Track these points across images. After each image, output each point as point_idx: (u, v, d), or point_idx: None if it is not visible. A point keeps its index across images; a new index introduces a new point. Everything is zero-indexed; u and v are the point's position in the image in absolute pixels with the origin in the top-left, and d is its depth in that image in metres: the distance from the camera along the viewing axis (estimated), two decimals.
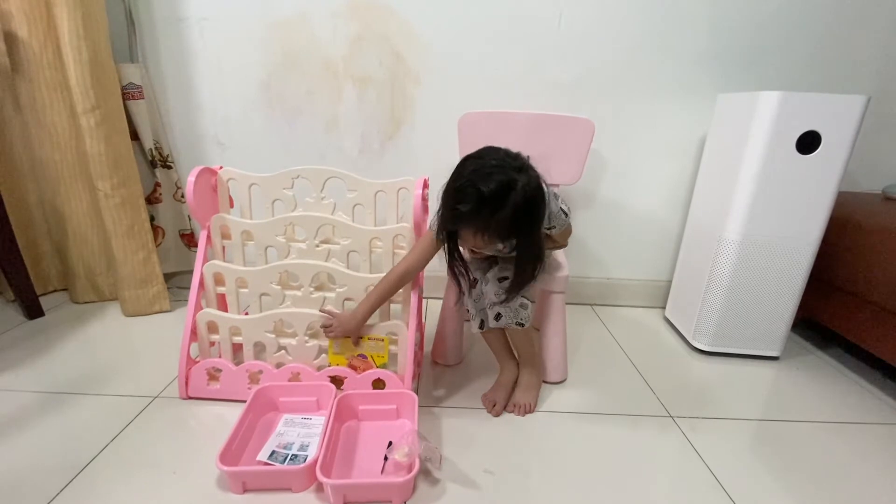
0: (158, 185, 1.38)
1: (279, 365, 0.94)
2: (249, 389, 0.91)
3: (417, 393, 0.98)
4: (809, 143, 1.01)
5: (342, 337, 0.92)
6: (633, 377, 1.11)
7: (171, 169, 1.38)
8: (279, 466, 0.73)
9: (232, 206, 1.07)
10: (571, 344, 1.17)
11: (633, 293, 1.51)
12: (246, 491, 0.72)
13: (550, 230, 0.86)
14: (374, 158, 1.38)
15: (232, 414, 0.85)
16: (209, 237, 0.99)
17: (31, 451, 0.79)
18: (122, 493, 0.71)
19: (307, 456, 0.75)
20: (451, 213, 0.75)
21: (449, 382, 1.04)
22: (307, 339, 0.94)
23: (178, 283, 1.49)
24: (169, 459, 0.78)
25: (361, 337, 0.93)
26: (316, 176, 1.02)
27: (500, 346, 1.00)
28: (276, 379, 0.93)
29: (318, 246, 1.01)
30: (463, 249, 0.89)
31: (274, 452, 0.77)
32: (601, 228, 1.45)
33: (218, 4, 1.25)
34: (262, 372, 0.94)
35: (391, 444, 0.77)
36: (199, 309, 0.95)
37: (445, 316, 1.09)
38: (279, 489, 0.72)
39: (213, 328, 0.96)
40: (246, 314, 0.98)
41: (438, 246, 0.87)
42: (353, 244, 1.00)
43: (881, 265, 1.05)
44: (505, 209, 0.70)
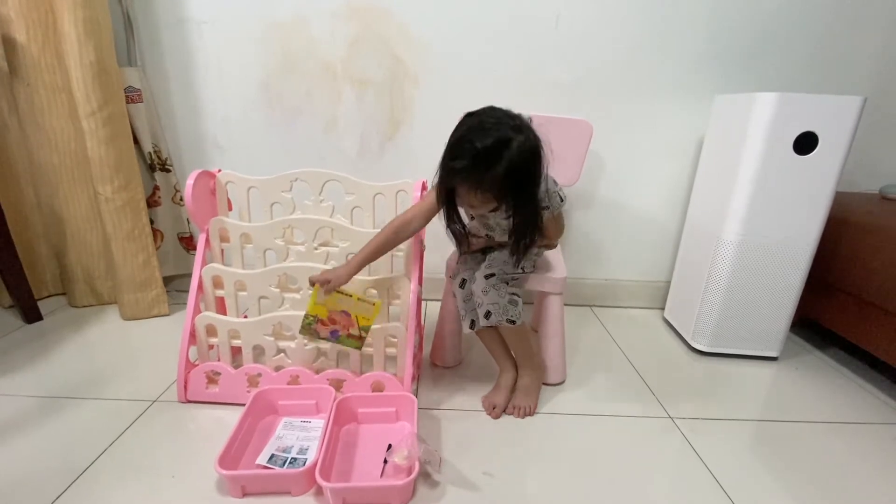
0: (157, 188, 1.38)
1: (278, 368, 0.94)
2: (248, 393, 0.91)
3: (417, 395, 0.98)
4: (807, 143, 1.02)
5: (334, 291, 0.87)
6: (632, 378, 1.11)
7: (169, 172, 1.38)
8: (278, 470, 0.73)
9: (230, 208, 1.07)
10: (570, 345, 1.17)
11: (631, 294, 1.51)
12: (245, 495, 0.72)
13: (544, 210, 0.84)
14: (373, 159, 1.38)
15: (231, 417, 0.84)
16: (208, 240, 0.99)
17: (29, 455, 0.79)
18: (120, 497, 0.71)
19: (306, 459, 0.75)
20: (446, 168, 0.75)
21: (448, 384, 1.04)
22: (306, 342, 0.94)
23: (176, 286, 1.49)
24: (168, 463, 0.78)
25: (352, 295, 0.89)
26: (314, 179, 1.02)
27: (497, 346, 1.00)
28: (275, 382, 0.93)
29: (316, 249, 1.01)
30: (465, 216, 0.89)
31: (273, 456, 0.76)
32: (600, 229, 1.45)
33: (216, 7, 1.25)
34: (261, 375, 0.93)
35: (391, 446, 0.77)
36: (197, 312, 0.95)
37: (444, 317, 1.09)
38: (278, 493, 0.72)
39: (211, 331, 0.96)
40: (245, 317, 0.98)
41: (439, 206, 0.85)
42: (351, 247, 1.00)
43: (879, 265, 1.05)
44: (499, 166, 0.70)
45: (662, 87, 1.30)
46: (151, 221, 1.38)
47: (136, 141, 1.31)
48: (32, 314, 1.26)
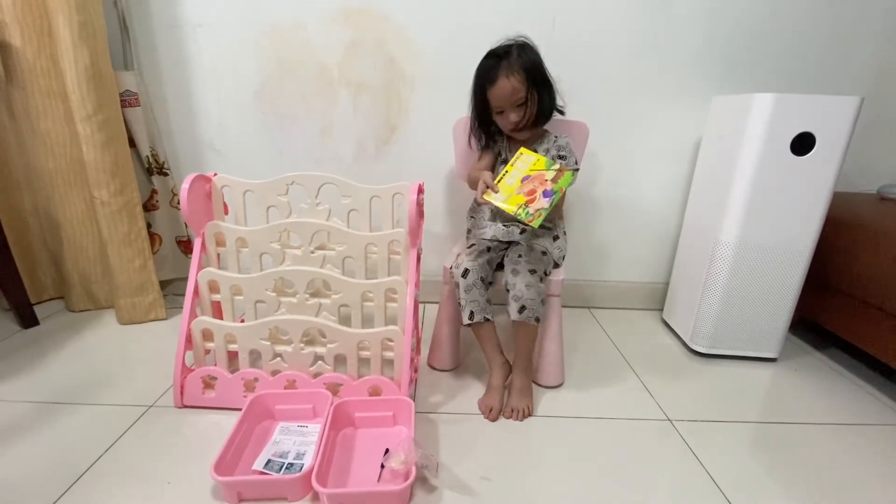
0: (155, 192, 1.38)
1: (275, 372, 0.94)
2: (245, 397, 0.90)
3: (414, 399, 0.98)
4: (804, 144, 1.01)
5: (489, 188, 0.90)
6: (630, 380, 1.10)
7: (167, 176, 1.38)
8: (274, 476, 0.73)
9: (227, 212, 1.07)
10: (568, 347, 1.17)
11: (630, 296, 1.51)
12: (241, 501, 0.71)
13: (564, 158, 1.02)
14: (369, 163, 1.38)
15: (227, 422, 0.84)
16: (204, 244, 0.99)
17: (25, 461, 0.79)
18: (116, 503, 0.71)
19: (303, 465, 0.75)
20: (482, 77, 0.96)
21: (445, 388, 1.04)
22: (303, 346, 0.93)
23: (174, 289, 1.49)
24: (164, 469, 0.78)
25: (509, 168, 0.90)
26: (310, 182, 1.02)
27: (492, 344, 0.99)
28: (271, 387, 0.92)
29: (313, 252, 1.01)
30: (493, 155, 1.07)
31: (270, 461, 0.76)
32: (597, 231, 1.45)
33: (212, 11, 1.25)
34: (257, 380, 0.93)
35: (388, 451, 0.76)
36: (194, 317, 0.95)
37: (442, 321, 1.08)
38: (275, 499, 0.71)
39: (208, 336, 0.96)
40: (241, 321, 0.98)
41: (473, 126, 1.06)
42: (348, 250, 1.00)
43: (878, 265, 1.05)
44: (519, 54, 0.94)
45: (660, 88, 1.30)
46: (149, 225, 1.38)
47: (133, 145, 1.30)
48: (29, 319, 1.25)
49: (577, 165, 1.01)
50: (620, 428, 0.93)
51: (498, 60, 0.94)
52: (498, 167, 1.06)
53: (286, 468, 0.74)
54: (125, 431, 0.87)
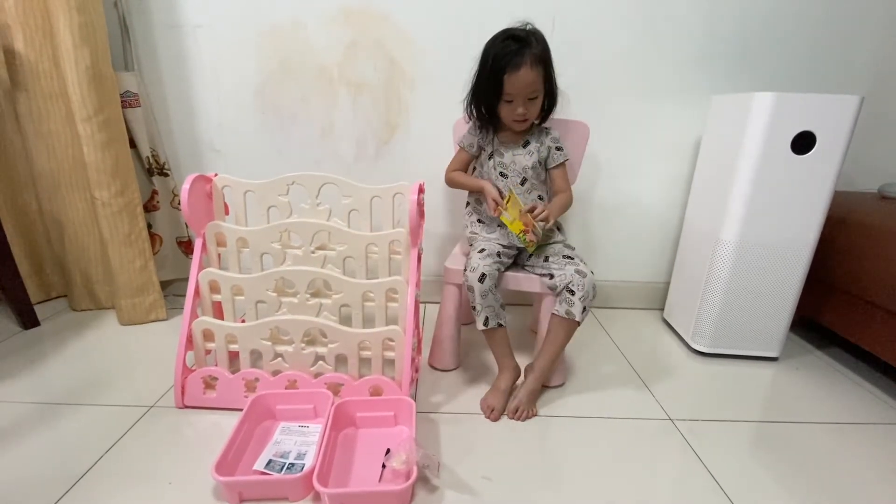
0: (155, 192, 1.38)
1: (276, 372, 0.94)
2: (246, 398, 0.90)
3: (415, 399, 0.98)
4: (805, 143, 1.01)
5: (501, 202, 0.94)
6: (632, 380, 1.10)
7: (167, 176, 1.38)
8: (275, 476, 0.73)
9: (227, 213, 1.07)
10: (570, 347, 1.16)
11: (631, 295, 1.51)
12: (242, 501, 0.71)
13: (560, 150, 1.03)
14: (369, 164, 1.38)
15: (228, 422, 0.84)
16: (204, 245, 0.99)
17: (26, 462, 0.79)
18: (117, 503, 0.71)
19: (304, 465, 0.75)
20: (502, 59, 0.90)
21: (446, 387, 1.04)
22: (303, 346, 0.93)
23: (175, 290, 1.49)
24: (165, 469, 0.78)
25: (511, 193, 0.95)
26: (311, 182, 1.02)
27: (504, 348, 0.99)
28: (272, 387, 0.92)
29: (313, 252, 1.00)
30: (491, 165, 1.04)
31: (271, 461, 0.76)
32: (598, 230, 1.45)
33: (212, 11, 1.25)
34: (258, 380, 0.93)
35: (389, 451, 0.76)
36: (194, 317, 0.95)
37: (443, 321, 1.08)
38: (276, 499, 0.71)
39: (209, 336, 0.96)
40: (242, 322, 0.98)
41: (472, 112, 1.02)
42: (348, 250, 1.00)
43: (879, 264, 1.05)
44: (539, 44, 0.92)
45: (660, 87, 1.30)
46: (150, 226, 1.38)
47: (134, 145, 1.31)
48: (29, 320, 1.25)
49: (567, 156, 1.04)
50: (622, 427, 0.93)
51: (521, 46, 0.89)
52: (485, 163, 1.05)
53: (287, 468, 0.74)
54: (126, 432, 0.87)
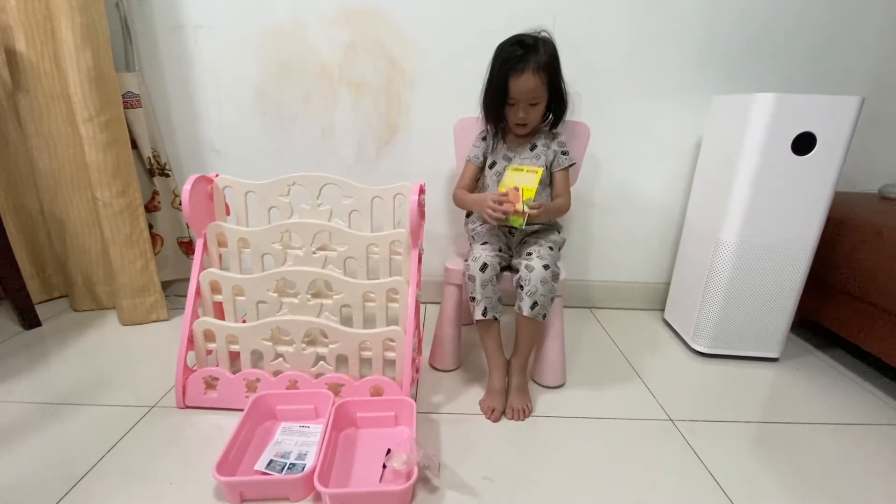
0: (156, 193, 1.38)
1: (276, 373, 0.94)
2: (247, 398, 0.90)
3: (416, 399, 0.98)
4: (805, 144, 1.01)
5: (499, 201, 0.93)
6: (632, 380, 1.10)
7: (168, 177, 1.38)
8: (276, 476, 0.73)
9: (228, 213, 1.07)
10: (570, 347, 1.17)
11: (631, 295, 1.51)
12: (243, 501, 0.71)
13: (566, 154, 1.04)
14: (370, 164, 1.38)
15: (229, 423, 0.84)
16: (205, 245, 0.99)
17: (27, 462, 0.79)
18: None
19: (305, 465, 0.75)
20: (507, 62, 0.92)
21: (447, 388, 1.04)
22: (304, 346, 0.94)
23: (176, 290, 1.49)
24: (166, 470, 0.78)
25: (521, 168, 0.97)
26: (312, 182, 1.02)
27: (495, 345, 0.99)
28: (273, 387, 0.92)
29: (314, 253, 1.01)
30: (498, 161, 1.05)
31: (272, 461, 0.76)
32: (598, 231, 1.45)
33: (213, 12, 1.25)
34: (259, 380, 0.93)
35: (389, 451, 0.76)
36: (195, 317, 0.95)
37: (443, 321, 1.08)
38: (277, 499, 0.71)
39: (209, 336, 0.96)
40: (243, 322, 0.98)
41: (486, 116, 1.03)
42: (349, 250, 1.00)
43: (879, 265, 1.05)
44: (547, 52, 0.94)
45: (660, 88, 1.30)
46: (151, 226, 1.38)
47: (135, 146, 1.31)
48: (31, 320, 1.26)
49: (573, 160, 1.05)
50: (622, 428, 0.93)
51: (527, 52, 0.92)
52: (487, 172, 1.06)
53: (288, 468, 0.74)
54: (127, 432, 0.87)
